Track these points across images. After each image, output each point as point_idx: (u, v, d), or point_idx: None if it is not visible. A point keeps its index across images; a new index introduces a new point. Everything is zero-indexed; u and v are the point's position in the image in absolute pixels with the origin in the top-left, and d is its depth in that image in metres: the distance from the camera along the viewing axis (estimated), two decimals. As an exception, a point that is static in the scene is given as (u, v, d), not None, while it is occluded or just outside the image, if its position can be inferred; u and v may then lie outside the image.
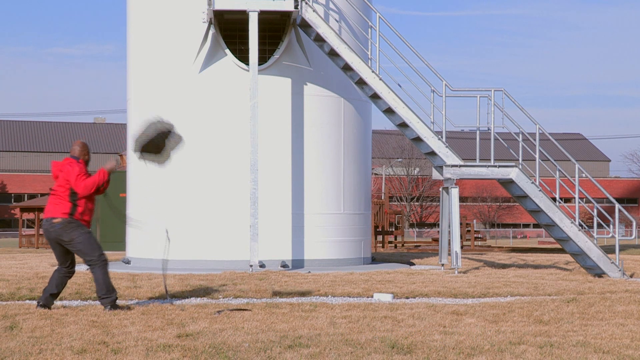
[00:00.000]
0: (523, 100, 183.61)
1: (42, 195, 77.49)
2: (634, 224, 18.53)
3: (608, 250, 19.64)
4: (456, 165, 17.68)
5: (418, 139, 18.10)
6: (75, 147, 10.96)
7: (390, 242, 39.76)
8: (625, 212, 17.11)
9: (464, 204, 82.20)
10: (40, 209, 54.08)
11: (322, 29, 18.09)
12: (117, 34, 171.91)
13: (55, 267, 11.14)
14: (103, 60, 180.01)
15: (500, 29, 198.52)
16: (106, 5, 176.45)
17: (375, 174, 76.06)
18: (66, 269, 10.99)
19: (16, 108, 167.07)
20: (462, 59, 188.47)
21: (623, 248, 34.13)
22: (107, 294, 10.80)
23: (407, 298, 12.96)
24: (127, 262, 20.27)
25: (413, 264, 21.04)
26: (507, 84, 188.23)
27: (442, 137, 17.92)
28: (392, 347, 8.06)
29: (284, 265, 18.67)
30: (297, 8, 18.14)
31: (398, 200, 79.01)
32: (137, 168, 20.55)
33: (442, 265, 18.28)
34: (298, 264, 19.13)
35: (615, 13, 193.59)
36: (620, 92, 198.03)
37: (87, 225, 10.85)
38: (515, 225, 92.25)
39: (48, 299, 10.91)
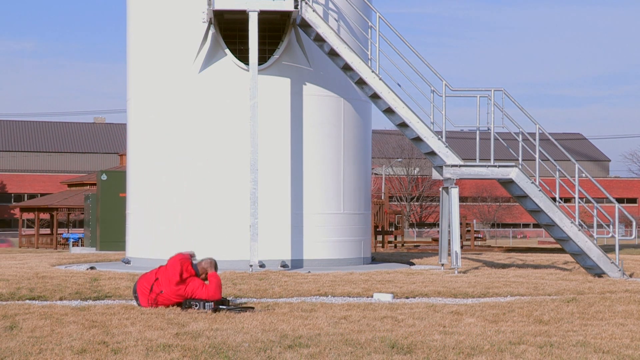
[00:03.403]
0: (523, 100, 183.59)
1: (42, 195, 77.49)
2: (634, 224, 18.52)
3: (608, 250, 19.64)
4: (456, 165, 17.67)
5: (418, 139, 18.10)
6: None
7: (390, 242, 39.78)
8: (626, 212, 17.11)
9: (464, 204, 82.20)
10: (40, 209, 54.12)
11: (322, 29, 18.09)
12: (118, 34, 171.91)
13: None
14: (103, 60, 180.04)
15: (501, 29, 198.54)
16: (106, 5, 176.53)
17: (375, 174, 76.03)
18: None
19: (16, 108, 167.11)
20: (462, 58, 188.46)
21: (623, 248, 34.14)
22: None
23: (407, 298, 12.96)
24: (127, 262, 20.28)
25: (413, 264, 21.04)
26: (507, 83, 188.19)
27: (442, 137, 17.91)
28: (392, 347, 8.07)
29: (284, 265, 18.67)
30: (297, 8, 18.13)
31: (398, 200, 79.00)
32: (137, 168, 20.56)
33: (442, 265, 18.27)
34: (298, 264, 19.13)
35: (615, 13, 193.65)
36: (620, 92, 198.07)
37: None
38: (515, 225, 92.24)
39: None
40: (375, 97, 18.30)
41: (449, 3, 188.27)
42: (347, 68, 18.37)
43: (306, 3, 18.13)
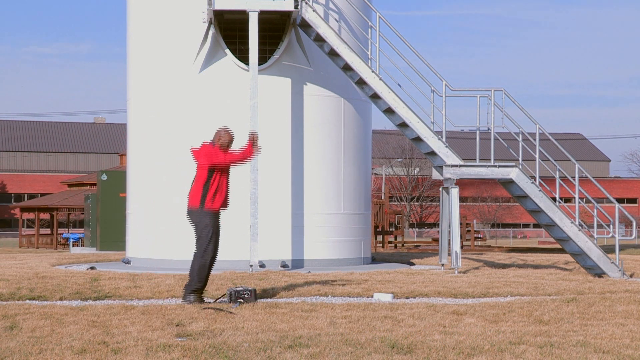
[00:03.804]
0: (523, 100, 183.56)
1: (42, 195, 77.48)
2: (634, 224, 18.52)
3: (608, 250, 19.64)
4: (456, 165, 17.67)
5: (418, 139, 18.09)
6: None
7: (390, 242, 39.78)
8: (626, 212, 17.10)
9: (464, 204, 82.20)
10: (40, 209, 54.10)
11: (322, 29, 18.08)
12: (118, 34, 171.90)
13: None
14: (103, 60, 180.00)
15: (502, 28, 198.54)
16: (107, 5, 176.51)
17: (375, 174, 76.03)
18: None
19: (16, 108, 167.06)
20: (462, 58, 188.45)
21: (623, 248, 34.13)
22: (190, 283, 11.50)
23: (407, 298, 12.96)
24: (127, 262, 20.27)
25: (413, 264, 21.03)
26: (507, 83, 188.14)
27: (442, 137, 17.91)
28: (392, 347, 8.06)
29: (284, 265, 18.67)
30: (297, 8, 18.13)
31: (398, 200, 79.00)
32: (137, 168, 20.55)
33: (442, 265, 18.27)
34: (298, 263, 19.13)
35: (615, 13, 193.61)
36: (620, 92, 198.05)
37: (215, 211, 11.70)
38: (515, 225, 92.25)
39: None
40: (375, 97, 18.30)
41: (450, 3, 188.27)
42: (347, 68, 18.37)
43: (306, 3, 18.13)
